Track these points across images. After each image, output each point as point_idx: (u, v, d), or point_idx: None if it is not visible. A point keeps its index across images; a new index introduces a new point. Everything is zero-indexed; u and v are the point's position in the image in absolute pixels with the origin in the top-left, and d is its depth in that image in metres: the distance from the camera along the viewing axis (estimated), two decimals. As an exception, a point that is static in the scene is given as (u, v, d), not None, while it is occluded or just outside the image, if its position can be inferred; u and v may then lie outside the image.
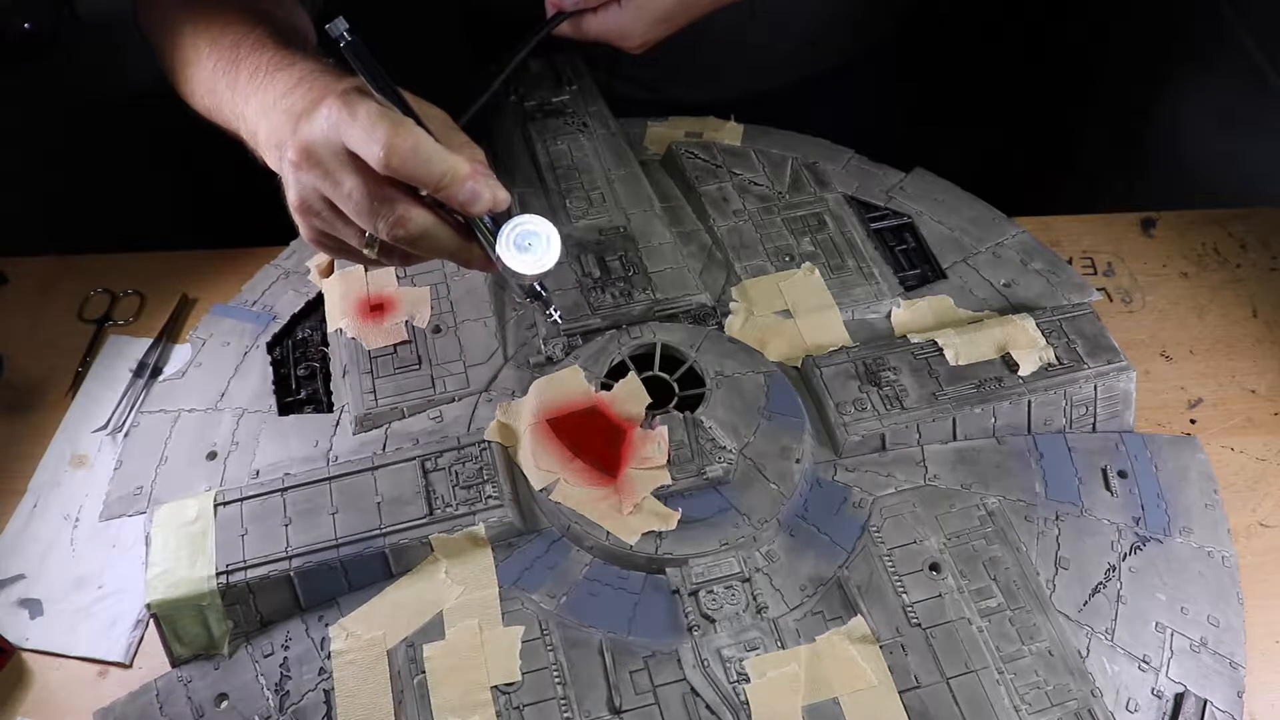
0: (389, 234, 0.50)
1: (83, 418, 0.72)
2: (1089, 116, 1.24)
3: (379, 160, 0.47)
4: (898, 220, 0.76)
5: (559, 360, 0.65)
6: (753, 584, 0.55)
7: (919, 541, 0.56)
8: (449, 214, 0.51)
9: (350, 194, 0.49)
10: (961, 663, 0.52)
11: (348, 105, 0.48)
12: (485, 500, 0.58)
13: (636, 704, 0.52)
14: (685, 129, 0.82)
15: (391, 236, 0.50)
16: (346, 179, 0.49)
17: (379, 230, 0.50)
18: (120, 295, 0.79)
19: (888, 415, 0.61)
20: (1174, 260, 0.79)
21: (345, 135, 0.48)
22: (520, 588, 0.56)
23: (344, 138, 0.48)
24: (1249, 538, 0.63)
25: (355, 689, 0.53)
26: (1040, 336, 0.65)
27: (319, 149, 0.49)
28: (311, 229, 0.54)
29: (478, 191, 0.49)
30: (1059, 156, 1.28)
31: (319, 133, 0.49)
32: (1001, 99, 1.25)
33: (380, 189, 0.49)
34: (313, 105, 0.50)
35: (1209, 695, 0.54)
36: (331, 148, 0.49)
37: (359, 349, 0.66)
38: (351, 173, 0.49)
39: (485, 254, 0.52)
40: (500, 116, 0.81)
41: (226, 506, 0.58)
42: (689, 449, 0.59)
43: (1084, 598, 0.56)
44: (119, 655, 0.60)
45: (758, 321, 0.68)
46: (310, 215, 0.53)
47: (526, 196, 0.74)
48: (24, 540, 0.66)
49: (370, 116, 0.47)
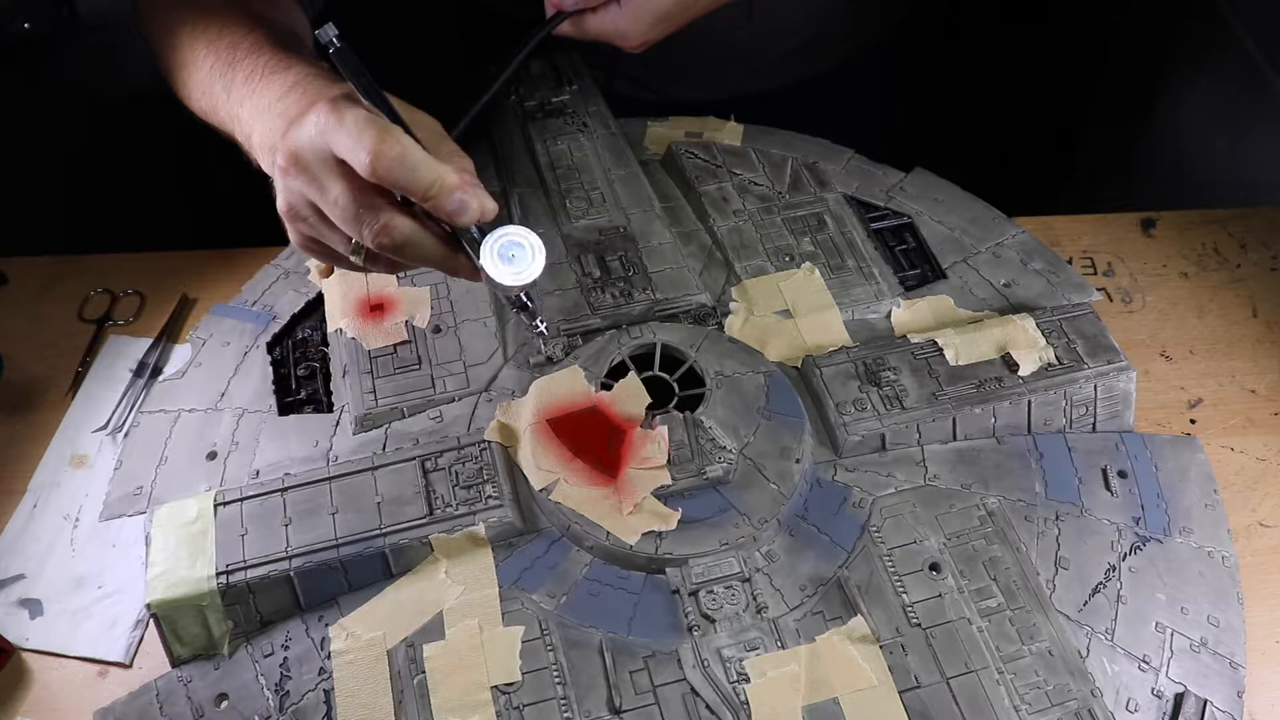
0: (374, 241, 0.50)
1: (83, 418, 0.72)
2: (1089, 116, 1.24)
3: (365, 167, 0.47)
4: (898, 220, 0.76)
5: (559, 360, 0.65)
6: (753, 584, 0.55)
7: (919, 541, 0.56)
8: (436, 223, 0.51)
9: (336, 200, 0.49)
10: (961, 663, 0.52)
11: (336, 111, 0.48)
12: (485, 500, 0.58)
13: (636, 704, 0.52)
14: (685, 129, 0.82)
15: (376, 244, 0.50)
16: (333, 185, 0.49)
17: (364, 238, 0.50)
18: (120, 295, 0.79)
19: (888, 415, 0.61)
20: (1174, 260, 0.79)
21: (333, 141, 0.48)
22: (520, 588, 0.56)
23: (331, 144, 0.48)
24: (1249, 538, 0.63)
25: (355, 689, 0.53)
26: (1040, 336, 0.65)
27: (307, 154, 0.49)
28: (299, 234, 0.54)
29: (465, 202, 0.49)
30: (1059, 156, 1.28)
31: (307, 138, 0.49)
32: (1001, 99, 1.25)
33: (366, 196, 0.49)
34: (304, 110, 0.50)
35: (1209, 695, 0.54)
36: (319, 154, 0.49)
37: (359, 349, 0.66)
38: (338, 179, 0.49)
39: (471, 263, 0.52)
40: (500, 116, 0.81)
41: (226, 506, 0.58)
42: (689, 449, 0.59)
43: (1084, 598, 0.56)
44: (119, 655, 0.60)
45: (758, 321, 0.68)
46: (297, 220, 0.53)
47: (526, 196, 0.75)
48: (24, 540, 0.66)
49: (358, 123, 0.47)
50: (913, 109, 1.10)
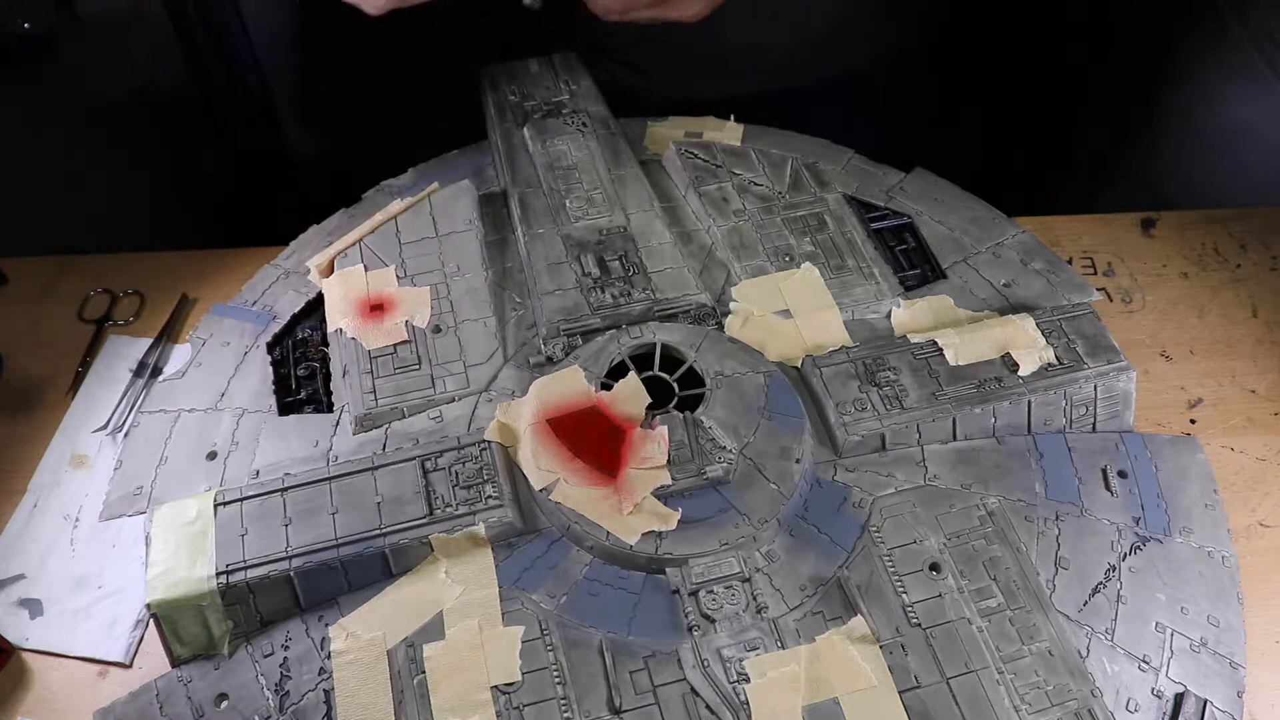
0: None
1: (83, 418, 0.72)
2: (1089, 116, 1.24)
3: None
4: (898, 220, 0.76)
5: (559, 360, 0.65)
6: (753, 584, 0.55)
7: (919, 541, 0.56)
8: None
9: None
10: (961, 663, 0.52)
11: None
12: (485, 500, 0.58)
13: (636, 704, 0.52)
14: (685, 129, 0.82)
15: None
16: None
17: None
18: (120, 295, 0.79)
19: (888, 415, 0.61)
20: (1174, 260, 0.79)
21: None
22: (520, 588, 0.56)
23: None
24: (1249, 538, 0.63)
25: (355, 689, 0.53)
26: (1040, 336, 0.65)
27: None
28: None
29: None
30: (1059, 156, 1.28)
31: None
32: (1001, 99, 1.25)
33: None
34: None
35: (1209, 695, 0.54)
36: None
37: (359, 349, 0.66)
38: None
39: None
40: (500, 116, 0.81)
41: (226, 506, 0.58)
42: (689, 449, 0.59)
43: (1084, 598, 0.56)
44: (119, 655, 0.61)
45: (758, 321, 0.68)
46: None
47: (526, 196, 0.75)
48: (24, 540, 0.66)
49: None
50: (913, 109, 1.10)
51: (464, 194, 0.75)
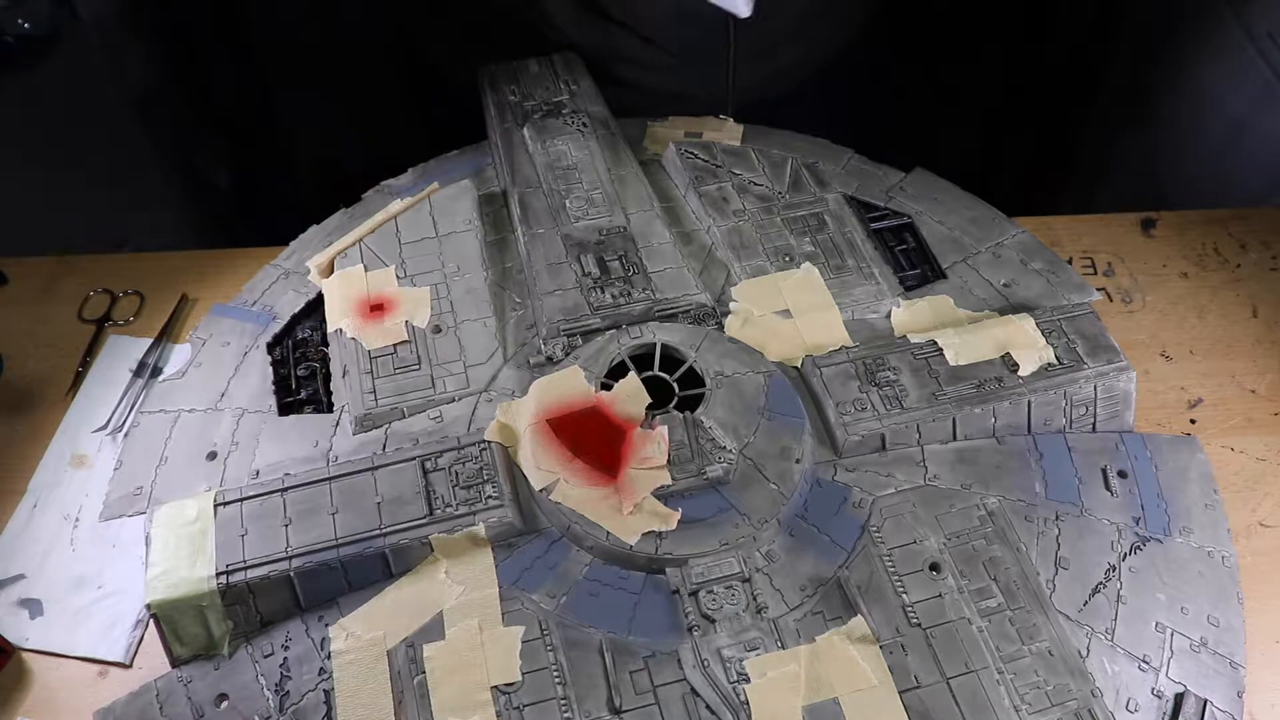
0: None
1: (83, 418, 0.72)
2: (1089, 116, 1.24)
3: None
4: (898, 220, 0.76)
5: (559, 360, 0.65)
6: (753, 584, 0.55)
7: (919, 541, 0.56)
8: None
9: None
10: (961, 663, 0.52)
11: None
12: (485, 500, 0.58)
13: (636, 704, 0.52)
14: (685, 129, 0.82)
15: None
16: None
17: None
18: (120, 295, 0.79)
19: (888, 415, 0.61)
20: (1174, 260, 0.79)
21: None
22: (520, 588, 0.56)
23: None
24: (1249, 538, 0.63)
25: (355, 689, 0.53)
26: (1040, 336, 0.65)
27: None
28: None
29: None
30: (1059, 156, 1.28)
31: None
32: (1002, 99, 1.24)
33: None
34: None
35: (1209, 695, 0.54)
36: None
37: (359, 349, 0.66)
38: None
39: None
40: (500, 116, 0.81)
41: (226, 506, 0.58)
42: (689, 449, 0.59)
43: (1084, 598, 0.56)
44: (119, 655, 0.60)
45: (758, 321, 0.68)
46: None
47: (526, 196, 0.75)
48: (24, 540, 0.66)
49: None
50: (912, 108, 1.10)
51: (464, 194, 0.75)
